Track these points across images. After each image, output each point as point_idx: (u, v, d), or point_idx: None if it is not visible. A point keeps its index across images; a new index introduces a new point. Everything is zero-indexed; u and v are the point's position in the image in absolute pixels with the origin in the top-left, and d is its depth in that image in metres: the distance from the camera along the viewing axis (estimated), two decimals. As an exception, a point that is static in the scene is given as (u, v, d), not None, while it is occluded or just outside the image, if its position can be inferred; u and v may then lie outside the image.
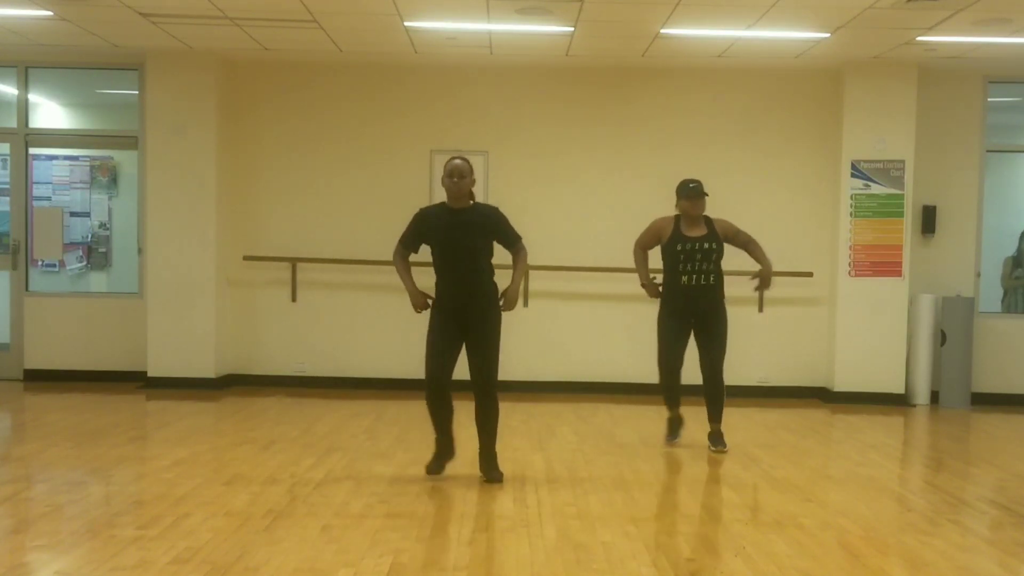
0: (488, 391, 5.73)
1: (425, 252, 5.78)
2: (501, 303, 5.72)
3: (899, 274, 9.02)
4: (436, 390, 5.73)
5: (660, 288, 6.78)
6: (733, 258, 9.17)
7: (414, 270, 5.82)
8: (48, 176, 9.65)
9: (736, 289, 9.22)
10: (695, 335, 6.75)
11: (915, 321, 9.13)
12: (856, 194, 9.01)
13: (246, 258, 9.32)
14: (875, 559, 4.51)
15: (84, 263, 9.78)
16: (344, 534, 4.69)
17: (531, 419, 7.96)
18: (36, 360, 9.41)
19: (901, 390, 9.08)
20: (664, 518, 5.12)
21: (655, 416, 8.13)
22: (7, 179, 9.53)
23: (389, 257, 6.01)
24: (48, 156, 9.67)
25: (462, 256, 5.59)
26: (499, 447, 6.75)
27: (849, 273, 9.04)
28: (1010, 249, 9.74)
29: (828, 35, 7.83)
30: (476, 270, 5.62)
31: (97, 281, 9.88)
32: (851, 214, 9.02)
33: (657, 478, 6.06)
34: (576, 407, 8.54)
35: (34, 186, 9.55)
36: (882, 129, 8.97)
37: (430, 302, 5.73)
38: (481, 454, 5.83)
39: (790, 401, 9.14)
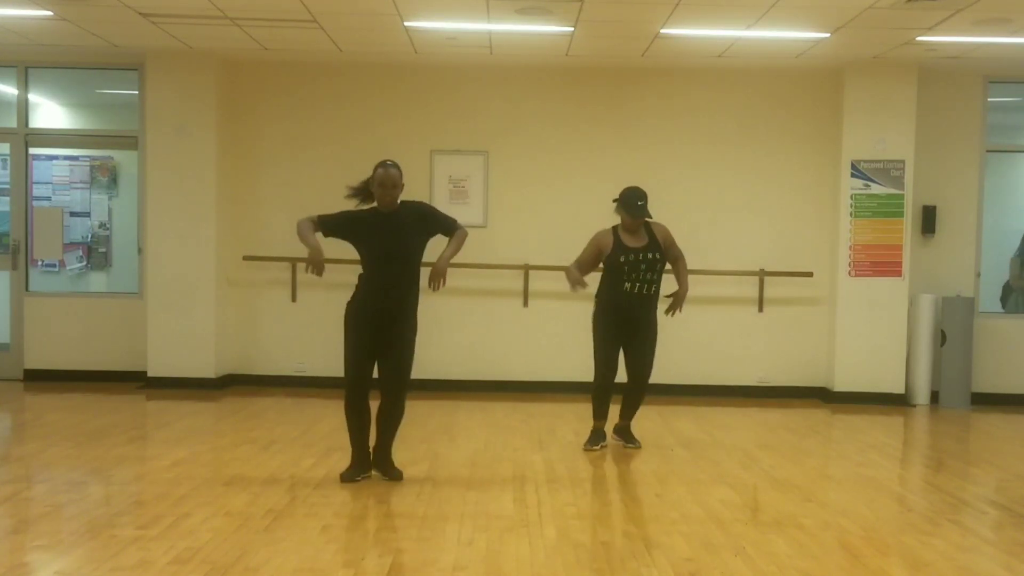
0: (400, 394, 5.71)
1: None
2: (429, 280, 5.61)
3: (899, 274, 9.01)
4: (360, 396, 5.66)
5: (585, 282, 6.66)
6: (732, 259, 9.21)
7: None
8: (48, 176, 9.65)
9: (736, 289, 9.27)
10: (625, 343, 6.74)
11: (915, 321, 9.13)
12: (856, 194, 9.00)
13: (246, 258, 9.32)
14: (875, 559, 4.51)
15: (84, 263, 9.78)
16: (344, 534, 4.70)
17: (531, 419, 7.96)
18: (36, 360, 9.41)
19: (901, 390, 9.08)
20: (664, 518, 5.12)
21: (655, 416, 8.14)
22: (7, 179, 9.53)
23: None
24: (48, 156, 9.67)
25: (394, 257, 5.55)
26: (500, 447, 6.78)
27: (849, 273, 9.04)
28: (1011, 249, 9.73)
29: (828, 35, 7.83)
30: (403, 274, 5.58)
31: (97, 281, 9.88)
32: (851, 214, 9.02)
33: (657, 478, 6.06)
34: (576, 407, 8.54)
35: (34, 186, 9.54)
36: (882, 129, 8.97)
37: (323, 271, 5.53)
38: (379, 453, 5.78)
39: (790, 401, 9.14)
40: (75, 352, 9.38)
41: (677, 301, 6.77)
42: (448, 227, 5.78)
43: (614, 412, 6.91)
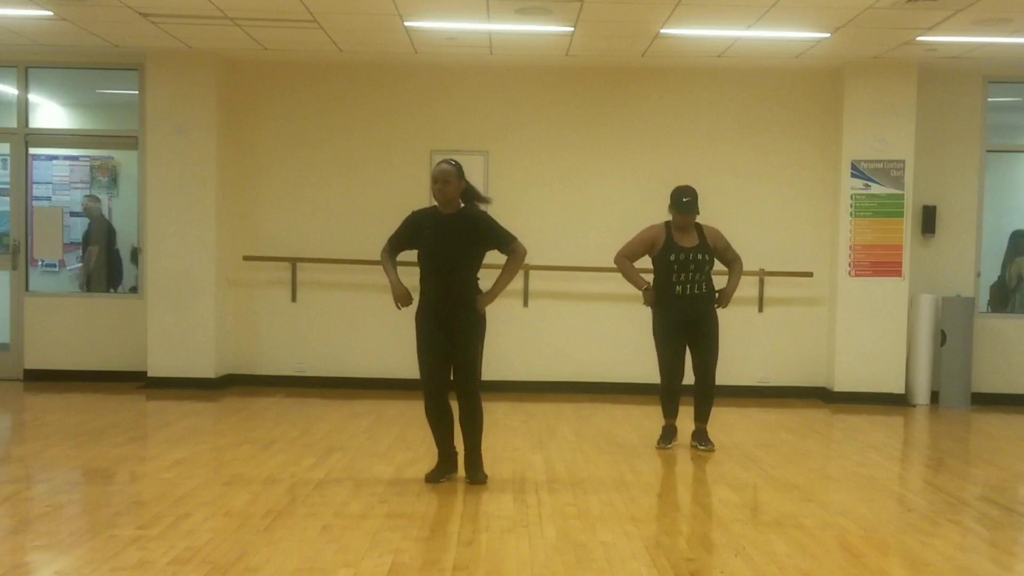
0: (471, 394, 5.69)
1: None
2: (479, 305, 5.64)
3: (899, 274, 9.02)
4: (438, 400, 5.69)
5: (653, 293, 6.75)
6: (741, 257, 9.19)
7: (400, 269, 5.79)
8: (48, 176, 9.65)
9: (738, 288, 9.25)
10: (689, 342, 6.78)
11: (915, 321, 9.13)
12: (856, 194, 9.00)
13: (246, 258, 9.32)
14: (875, 559, 4.51)
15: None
16: (344, 534, 4.69)
17: (531, 419, 7.96)
18: (36, 360, 9.42)
19: (901, 390, 9.08)
20: (664, 518, 5.12)
21: (655, 416, 8.12)
22: (7, 179, 9.54)
23: (390, 257, 5.99)
24: (48, 156, 9.68)
25: (447, 260, 5.57)
26: (500, 447, 6.78)
27: (849, 273, 9.04)
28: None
29: (828, 35, 7.83)
30: (460, 275, 5.59)
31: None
32: (851, 214, 9.02)
33: (657, 478, 6.06)
34: (576, 407, 8.54)
35: (34, 186, 9.55)
36: (882, 129, 8.97)
37: (411, 301, 5.67)
38: (466, 456, 5.80)
39: (790, 401, 9.14)
40: (75, 352, 9.39)
41: (724, 297, 6.79)
42: (504, 243, 5.68)
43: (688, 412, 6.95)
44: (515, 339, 9.35)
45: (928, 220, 9.22)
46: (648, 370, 9.24)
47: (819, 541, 4.75)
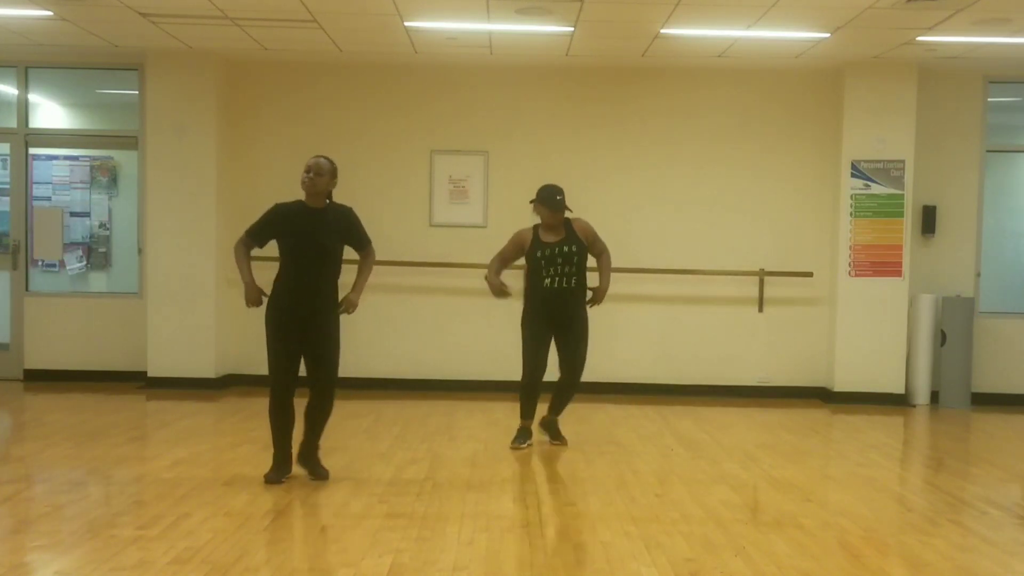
0: (329, 389, 5.65)
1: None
2: (341, 307, 5.62)
3: (899, 274, 9.01)
4: (286, 395, 5.59)
5: (508, 288, 6.75)
6: (732, 259, 9.20)
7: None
8: (48, 176, 9.64)
9: (736, 289, 9.27)
10: (556, 337, 6.76)
11: (915, 321, 9.13)
12: (856, 194, 9.00)
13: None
14: (875, 559, 4.51)
15: (84, 263, 9.77)
16: (344, 534, 4.69)
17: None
18: (36, 360, 9.41)
19: (901, 390, 9.08)
20: (664, 518, 5.12)
21: (655, 416, 8.15)
22: (7, 179, 9.53)
23: (388, 258, 6.00)
24: (48, 156, 9.67)
25: (313, 255, 5.54)
26: (499, 447, 6.77)
27: (849, 273, 9.04)
28: (1010, 249, 9.74)
29: (828, 35, 7.83)
30: (321, 270, 5.57)
31: (97, 281, 9.87)
32: (851, 214, 9.02)
33: (657, 478, 6.06)
34: (575, 407, 8.52)
35: (34, 186, 9.55)
36: (882, 129, 8.97)
37: (264, 299, 5.64)
38: (304, 449, 5.73)
39: (790, 401, 9.14)
40: (75, 352, 9.38)
41: (597, 296, 6.79)
42: (362, 244, 5.76)
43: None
44: (515, 339, 9.31)
45: (928, 220, 9.22)
46: (648, 370, 9.29)
47: (819, 541, 4.75)
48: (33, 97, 9.63)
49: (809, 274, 9.23)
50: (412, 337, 9.36)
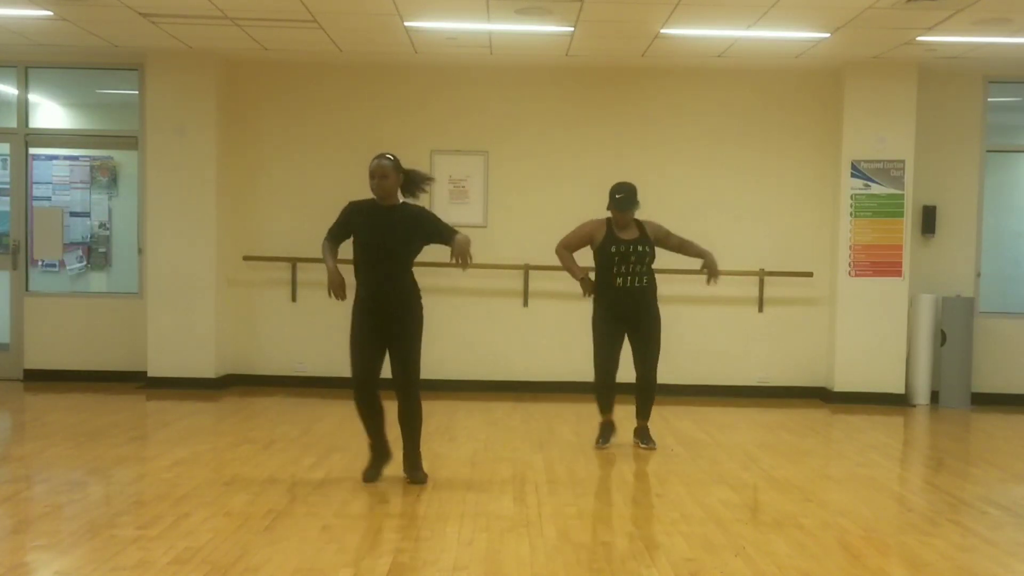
0: (410, 391, 5.65)
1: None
2: (453, 258, 5.46)
3: (899, 274, 9.01)
4: (365, 393, 5.63)
5: (589, 278, 6.75)
6: (732, 259, 9.21)
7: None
8: (48, 176, 9.64)
9: (736, 289, 9.27)
10: (629, 337, 6.75)
11: (915, 321, 9.13)
12: (856, 194, 9.00)
13: (246, 258, 9.32)
14: (875, 559, 4.51)
15: (84, 263, 9.77)
16: (344, 534, 4.69)
17: (531, 419, 7.96)
18: (36, 360, 9.41)
19: (901, 390, 9.08)
20: (664, 518, 5.12)
21: (655, 416, 8.12)
22: (7, 179, 9.53)
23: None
24: (48, 156, 9.67)
25: (385, 253, 5.53)
26: (500, 447, 6.77)
27: (849, 273, 9.04)
28: (1010, 249, 9.75)
29: (828, 35, 7.83)
30: (397, 268, 5.56)
31: (97, 281, 9.87)
32: (851, 214, 9.02)
33: (657, 478, 6.06)
34: (576, 407, 8.54)
35: (34, 186, 9.55)
36: (882, 129, 8.97)
37: (345, 295, 5.59)
38: (405, 455, 5.75)
39: (790, 401, 9.14)
40: (75, 352, 9.38)
41: (710, 269, 6.81)
42: (448, 236, 5.61)
43: (628, 411, 6.90)
44: (515, 339, 9.35)
45: (928, 220, 9.22)
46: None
47: (819, 541, 4.76)
48: (33, 97, 9.63)
49: (809, 274, 9.23)
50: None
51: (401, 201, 5.69)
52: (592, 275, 6.79)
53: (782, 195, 9.32)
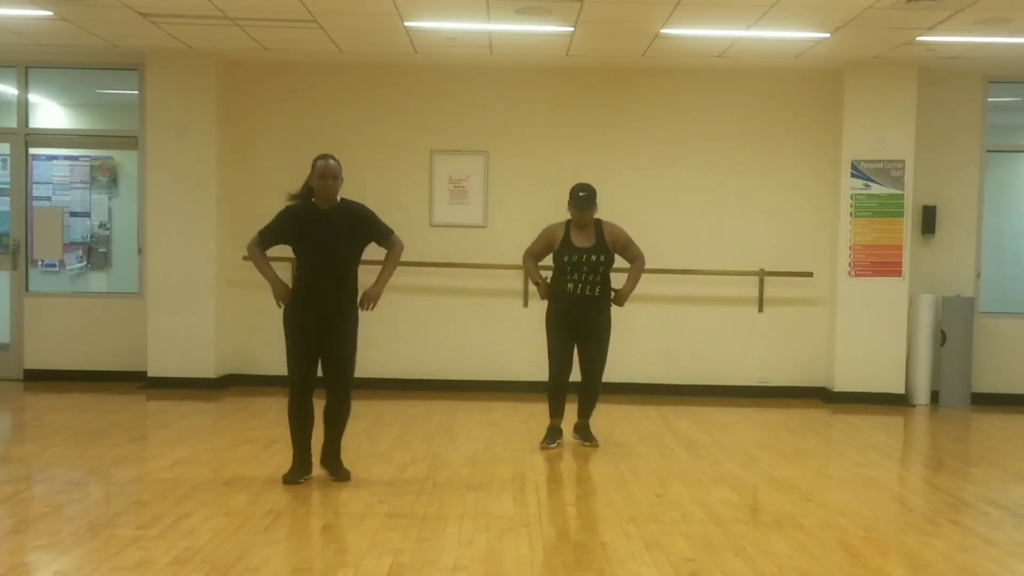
0: (344, 392, 5.66)
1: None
2: (360, 301, 5.62)
3: (899, 274, 9.01)
4: (305, 396, 5.64)
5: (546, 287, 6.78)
6: (733, 259, 9.20)
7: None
8: (48, 176, 9.64)
9: (736, 289, 9.27)
10: (577, 343, 6.76)
11: (915, 321, 9.13)
12: (856, 194, 9.00)
13: (246, 258, 9.23)
14: (875, 559, 4.51)
15: (84, 263, 9.77)
16: (344, 534, 4.70)
17: (531, 419, 7.95)
18: (36, 360, 9.41)
19: (901, 390, 9.08)
20: (664, 518, 5.12)
21: (655, 416, 8.15)
22: (7, 179, 9.53)
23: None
24: (48, 156, 9.67)
25: (333, 258, 5.53)
26: (500, 447, 6.77)
27: (849, 273, 9.04)
28: (1010, 249, 9.75)
29: (828, 35, 7.83)
30: (344, 271, 5.57)
31: (97, 281, 9.87)
32: (851, 214, 9.02)
33: (657, 478, 6.06)
34: (576, 407, 8.52)
35: (34, 186, 9.54)
36: (882, 129, 8.97)
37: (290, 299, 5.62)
38: (327, 452, 5.74)
39: (790, 401, 9.14)
40: (75, 352, 9.38)
41: (619, 298, 6.78)
42: (383, 236, 5.70)
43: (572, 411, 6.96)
44: (515, 339, 9.35)
45: (928, 220, 9.22)
46: (648, 370, 9.28)
47: (819, 541, 4.75)
48: (33, 97, 9.63)
49: (809, 274, 9.23)
50: (412, 337, 9.36)
51: (339, 199, 5.64)
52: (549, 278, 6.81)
53: (782, 195, 9.32)
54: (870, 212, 8.99)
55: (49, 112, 10.16)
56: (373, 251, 5.80)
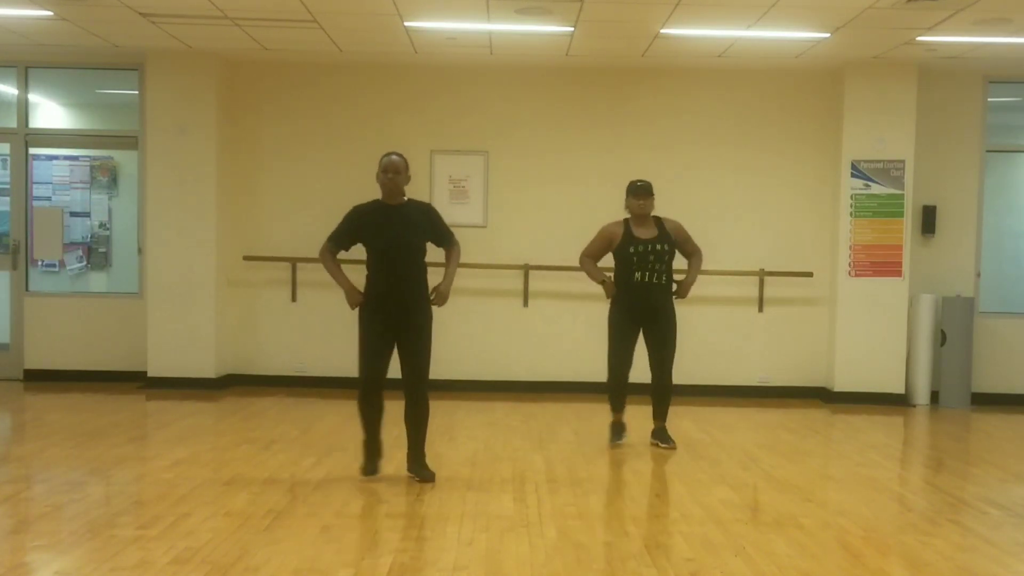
0: (420, 390, 5.67)
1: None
2: (433, 298, 5.68)
3: (899, 274, 9.01)
4: (373, 393, 5.67)
5: (611, 284, 6.78)
6: (732, 259, 9.20)
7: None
8: (48, 176, 9.64)
9: (736, 289, 9.27)
10: (644, 335, 6.76)
11: (915, 321, 9.13)
12: (856, 194, 9.00)
13: (246, 258, 9.32)
14: (875, 559, 4.51)
15: (84, 263, 9.78)
16: (344, 534, 4.70)
17: (531, 419, 7.96)
18: (36, 360, 9.41)
19: (901, 390, 9.08)
20: (664, 518, 5.12)
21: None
22: (7, 179, 9.53)
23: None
24: (48, 156, 9.67)
25: (398, 253, 5.57)
26: (500, 447, 6.77)
27: (849, 273, 9.04)
28: (1010, 249, 9.75)
29: (828, 35, 7.83)
30: (411, 267, 5.61)
31: (97, 281, 9.87)
32: (851, 214, 9.02)
33: (656, 478, 6.06)
34: (576, 407, 8.54)
35: (34, 186, 9.55)
36: (882, 129, 8.97)
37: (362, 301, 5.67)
38: (410, 453, 5.77)
39: (790, 401, 9.14)
40: (75, 352, 9.38)
41: (683, 288, 6.78)
42: (444, 239, 5.79)
43: (642, 411, 6.91)
44: (515, 339, 9.35)
45: (928, 220, 9.22)
46: (648, 370, 9.26)
47: (819, 541, 4.76)
48: (33, 97, 9.64)
49: (809, 274, 9.23)
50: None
51: (407, 199, 5.68)
52: (612, 276, 6.81)
53: (782, 195, 9.32)
54: (870, 212, 8.99)
55: (49, 112, 10.16)
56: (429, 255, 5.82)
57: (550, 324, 9.32)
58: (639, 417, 7.99)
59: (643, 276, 6.60)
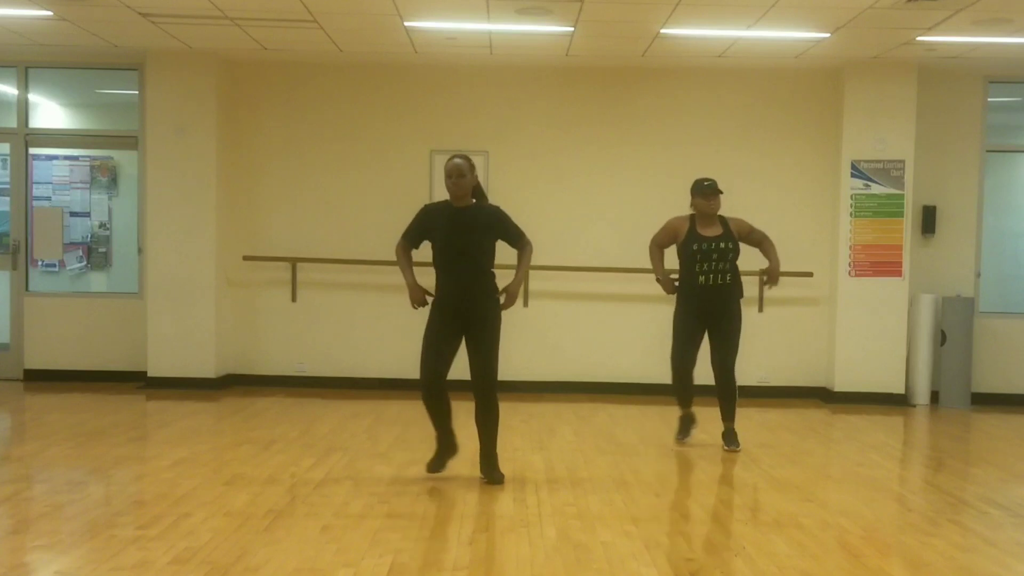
0: (488, 391, 5.72)
1: (426, 251, 5.78)
2: (501, 300, 5.70)
3: (899, 274, 9.01)
4: (434, 389, 5.72)
5: (676, 284, 6.79)
6: (741, 257, 9.18)
7: (416, 269, 5.81)
8: (48, 176, 9.65)
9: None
10: (708, 334, 6.79)
11: (915, 321, 9.13)
12: (856, 194, 9.01)
13: (246, 258, 9.32)
14: (875, 559, 4.51)
15: (84, 263, 9.78)
16: (344, 534, 4.69)
17: (531, 419, 7.96)
18: (36, 360, 9.41)
19: (901, 390, 9.08)
20: (664, 518, 5.12)
21: (655, 416, 8.14)
22: (7, 179, 9.54)
23: (389, 257, 6.02)
24: (48, 156, 9.67)
25: (463, 254, 5.59)
26: (500, 447, 6.75)
27: (849, 273, 9.04)
28: (1010, 249, 9.75)
29: (828, 35, 7.83)
30: (477, 268, 5.63)
31: (97, 281, 9.87)
32: (851, 214, 9.02)
33: (657, 478, 6.06)
34: (576, 407, 8.54)
35: (34, 186, 9.55)
36: (882, 129, 8.97)
37: (429, 299, 5.72)
38: (481, 455, 5.82)
39: (790, 401, 9.14)
40: (75, 352, 9.38)
41: (771, 275, 6.79)
42: (514, 239, 5.77)
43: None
44: (515, 339, 9.28)
45: (928, 220, 9.22)
46: (648, 370, 9.28)
47: (819, 541, 4.75)
48: (33, 97, 9.64)
49: (809, 274, 9.23)
50: (412, 337, 9.30)
51: (475, 200, 5.71)
52: (675, 275, 6.84)
53: (782, 195, 9.32)
54: (870, 212, 8.99)
55: (49, 112, 10.16)
56: (507, 256, 5.84)
57: (550, 324, 9.32)
58: (636, 417, 8.00)
59: (707, 278, 6.61)
